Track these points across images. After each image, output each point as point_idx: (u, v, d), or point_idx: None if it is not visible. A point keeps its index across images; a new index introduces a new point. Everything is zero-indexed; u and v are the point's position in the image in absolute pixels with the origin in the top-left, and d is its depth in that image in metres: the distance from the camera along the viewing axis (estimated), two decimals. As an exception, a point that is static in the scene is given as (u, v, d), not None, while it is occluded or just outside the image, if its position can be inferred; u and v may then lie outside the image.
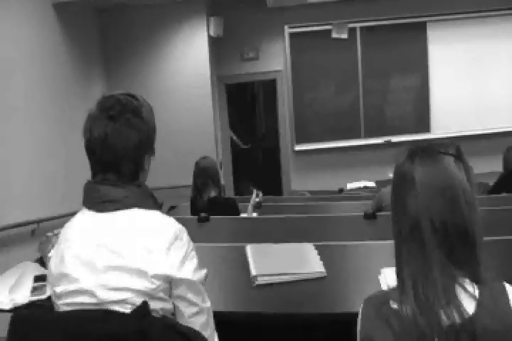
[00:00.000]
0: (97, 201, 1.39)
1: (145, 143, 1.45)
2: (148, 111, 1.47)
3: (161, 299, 1.33)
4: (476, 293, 1.08)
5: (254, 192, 4.05)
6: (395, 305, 1.10)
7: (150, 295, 1.31)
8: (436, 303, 1.05)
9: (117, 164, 1.41)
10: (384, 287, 1.73)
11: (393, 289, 1.14)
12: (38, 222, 4.27)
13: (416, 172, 1.12)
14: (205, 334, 1.39)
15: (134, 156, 1.43)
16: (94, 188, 1.41)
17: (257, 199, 4.01)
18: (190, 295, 1.37)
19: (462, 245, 1.09)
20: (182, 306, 1.37)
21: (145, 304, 1.27)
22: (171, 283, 1.34)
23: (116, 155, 1.39)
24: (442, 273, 1.08)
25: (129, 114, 1.41)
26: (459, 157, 1.14)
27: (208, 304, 1.42)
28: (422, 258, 1.09)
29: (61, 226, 1.50)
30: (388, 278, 1.74)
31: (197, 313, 1.38)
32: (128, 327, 1.23)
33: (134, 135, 1.41)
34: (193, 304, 1.37)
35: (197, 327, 1.37)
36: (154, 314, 1.30)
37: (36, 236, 4.09)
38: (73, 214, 1.48)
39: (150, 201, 1.45)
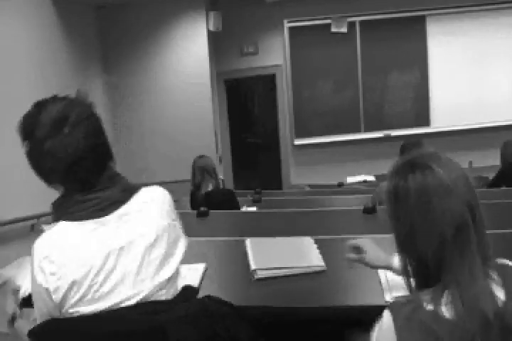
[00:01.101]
0: (97, 209, 1.29)
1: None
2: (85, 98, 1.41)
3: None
4: (499, 280, 1.08)
5: (244, 206, 4.02)
6: (430, 307, 1.05)
7: None
8: (480, 299, 1.03)
9: (102, 160, 1.35)
10: (383, 280, 1.73)
11: (421, 293, 1.09)
12: (38, 217, 4.27)
13: (434, 176, 1.09)
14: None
15: (107, 147, 1.38)
16: (86, 198, 1.30)
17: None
18: None
19: (482, 229, 1.10)
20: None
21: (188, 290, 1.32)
22: None
23: (101, 151, 1.35)
24: (482, 268, 1.07)
25: (84, 111, 1.34)
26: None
27: None
28: (466, 259, 1.06)
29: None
30: (387, 271, 1.74)
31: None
32: (143, 324, 1.21)
33: (100, 127, 1.36)
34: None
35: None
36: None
37: (36, 232, 4.09)
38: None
39: (129, 182, 1.39)
